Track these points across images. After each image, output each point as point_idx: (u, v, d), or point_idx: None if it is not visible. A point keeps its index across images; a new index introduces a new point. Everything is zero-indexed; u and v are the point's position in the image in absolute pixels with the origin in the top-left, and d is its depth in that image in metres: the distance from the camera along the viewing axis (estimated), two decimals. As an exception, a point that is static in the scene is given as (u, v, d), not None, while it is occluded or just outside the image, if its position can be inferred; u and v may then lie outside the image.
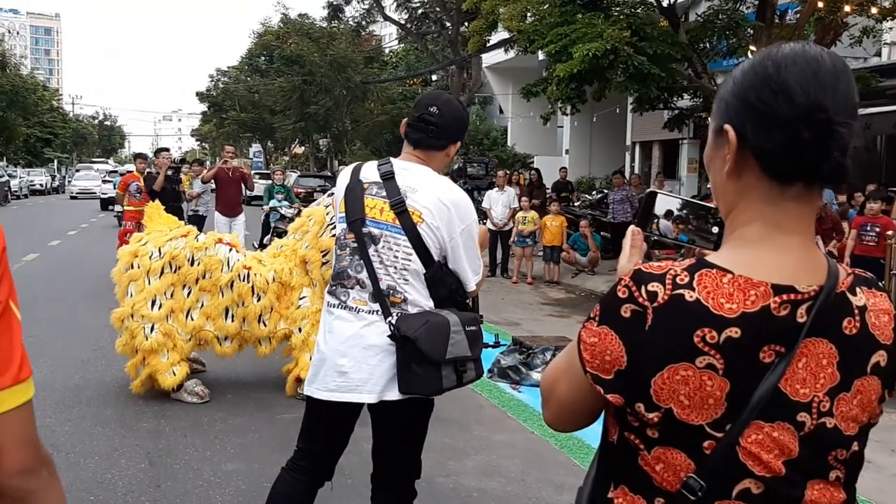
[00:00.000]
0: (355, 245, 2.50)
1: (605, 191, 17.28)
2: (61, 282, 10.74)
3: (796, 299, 1.06)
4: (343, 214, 2.55)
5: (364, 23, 28.38)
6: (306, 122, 34.08)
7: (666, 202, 1.36)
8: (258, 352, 5.43)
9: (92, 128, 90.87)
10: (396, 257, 2.46)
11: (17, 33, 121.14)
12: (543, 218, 12.44)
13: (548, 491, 4.07)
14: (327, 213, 5.01)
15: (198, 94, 48.98)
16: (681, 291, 1.06)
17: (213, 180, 11.52)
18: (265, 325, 5.28)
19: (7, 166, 44.87)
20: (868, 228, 8.77)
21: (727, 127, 1.11)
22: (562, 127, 25.18)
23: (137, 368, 5.25)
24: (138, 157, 12.78)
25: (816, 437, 1.08)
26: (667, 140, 20.23)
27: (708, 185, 16.26)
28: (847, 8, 11.13)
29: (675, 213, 1.37)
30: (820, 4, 11.01)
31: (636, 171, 21.11)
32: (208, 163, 20.47)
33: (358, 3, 26.76)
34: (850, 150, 1.06)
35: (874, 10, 11.65)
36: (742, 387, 1.05)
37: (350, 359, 2.45)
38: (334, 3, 26.62)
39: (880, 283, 1.18)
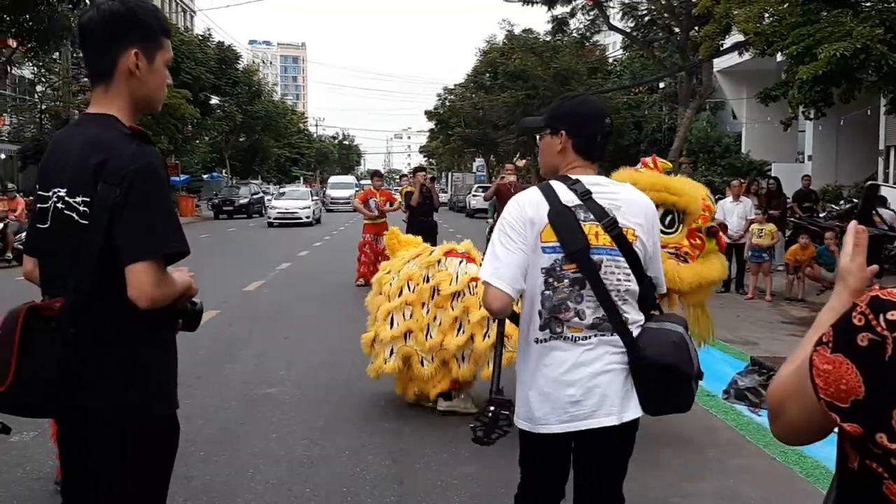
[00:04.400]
0: (577, 275, 2.38)
1: (855, 200, 15.83)
2: (309, 288, 11.79)
3: None
4: (556, 244, 2.38)
5: (588, 34, 28.25)
6: (529, 136, 34.55)
7: (891, 193, 1.28)
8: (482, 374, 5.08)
9: (333, 147, 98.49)
10: (619, 280, 2.39)
11: (270, 63, 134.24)
12: (791, 248, 11.65)
13: (793, 522, 3.85)
14: None
15: (426, 112, 51.39)
16: None
17: (494, 196, 11.89)
18: (488, 337, 4.97)
19: (262, 184, 49.89)
20: None
21: None
22: (803, 131, 23.40)
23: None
24: (374, 174, 13.75)
25: None
26: (928, 143, 18.16)
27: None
28: None
29: None
30: None
31: (891, 177, 19.12)
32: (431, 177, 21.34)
33: (582, 14, 26.68)
34: None
35: None
36: None
37: (579, 387, 2.37)
38: (559, 16, 26.73)
39: None
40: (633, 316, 2.43)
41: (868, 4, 12.02)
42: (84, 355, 1.95)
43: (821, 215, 15.45)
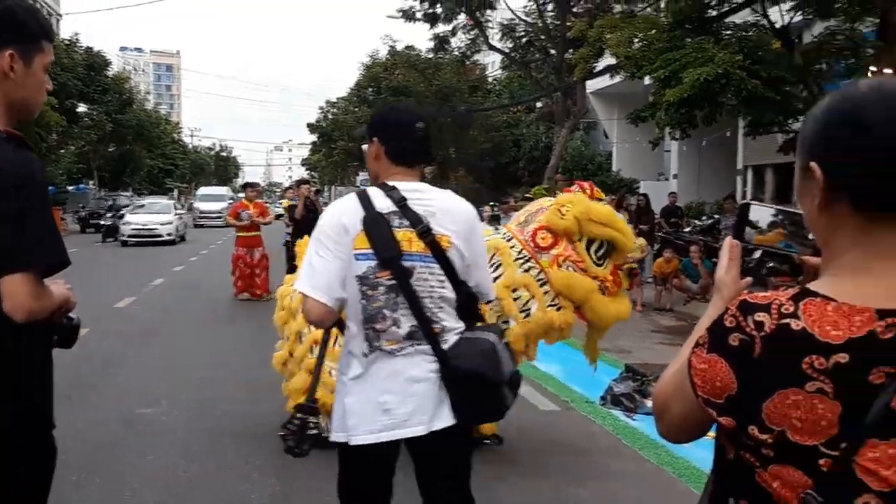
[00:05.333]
0: (391, 283, 2.34)
1: (716, 216, 16.86)
2: (184, 304, 11.41)
3: None
4: (368, 251, 2.34)
5: (469, 52, 28.84)
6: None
7: (760, 212, 1.40)
8: None
9: (209, 158, 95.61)
10: (433, 287, 2.37)
11: (143, 71, 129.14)
12: (657, 261, 12.28)
13: (667, 520, 4.05)
14: (511, 247, 4.58)
15: (309, 125, 50.79)
16: (787, 321, 1.11)
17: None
18: None
19: (132, 195, 47.76)
20: None
21: (813, 165, 1.17)
22: (669, 151, 24.73)
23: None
24: (247, 185, 13.55)
25: None
26: (781, 164, 19.53)
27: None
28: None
29: (772, 221, 1.40)
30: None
31: (748, 196, 20.49)
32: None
33: (463, 33, 27.23)
34: None
35: None
36: (854, 408, 1.09)
37: (393, 394, 2.35)
38: (441, 34, 27.18)
39: None
40: (450, 324, 2.42)
41: (728, 33, 12.89)
42: None
43: (686, 230, 16.36)
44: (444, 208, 2.43)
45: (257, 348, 7.07)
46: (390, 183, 2.43)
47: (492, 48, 26.56)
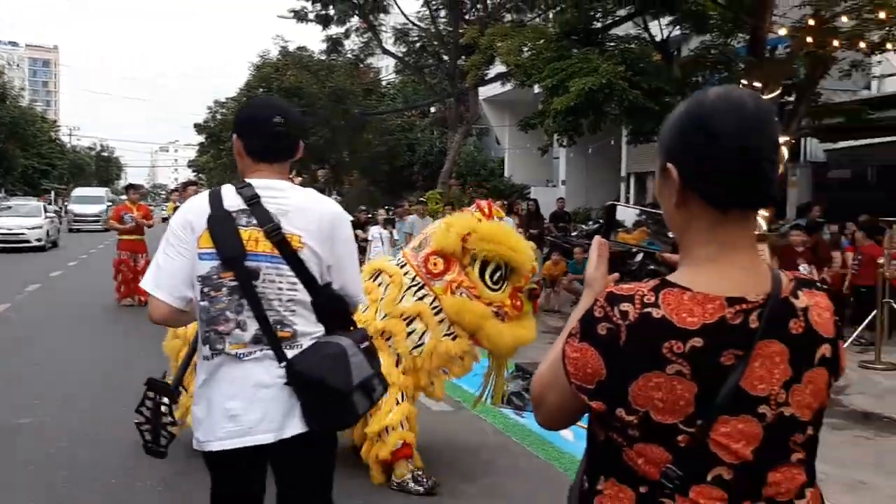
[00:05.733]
0: (234, 284, 2.24)
1: (602, 220, 17.48)
2: (61, 311, 10.88)
3: (748, 308, 1.22)
4: (212, 250, 2.25)
5: (362, 55, 28.77)
6: (305, 153, 34.35)
7: (626, 213, 1.51)
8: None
9: (89, 159, 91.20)
10: (281, 289, 2.25)
11: (17, 65, 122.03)
12: (546, 264, 12.64)
13: (553, 512, 4.20)
14: (405, 274, 4.35)
15: (196, 125, 49.31)
16: (648, 310, 1.22)
17: None
18: None
19: (5, 197, 45.04)
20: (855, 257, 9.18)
21: (670, 166, 1.28)
22: (558, 158, 25.46)
23: None
24: (130, 187, 13.11)
25: (777, 425, 1.24)
26: (662, 171, 20.46)
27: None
28: (835, 43, 11.43)
29: (636, 220, 1.50)
30: (809, 40, 11.31)
31: (632, 200, 21.35)
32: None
33: (357, 36, 27.15)
34: (774, 179, 1.24)
35: (862, 45, 11.95)
36: (708, 388, 1.20)
37: (239, 400, 2.24)
38: (333, 36, 26.99)
39: (817, 284, 1.33)
40: (306, 328, 2.30)
41: (612, 44, 13.42)
42: None
43: (573, 234, 16.93)
44: (300, 207, 2.30)
45: (143, 354, 6.85)
46: (247, 180, 2.33)
47: (385, 52, 26.61)
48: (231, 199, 2.29)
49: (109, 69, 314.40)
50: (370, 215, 17.90)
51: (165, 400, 2.49)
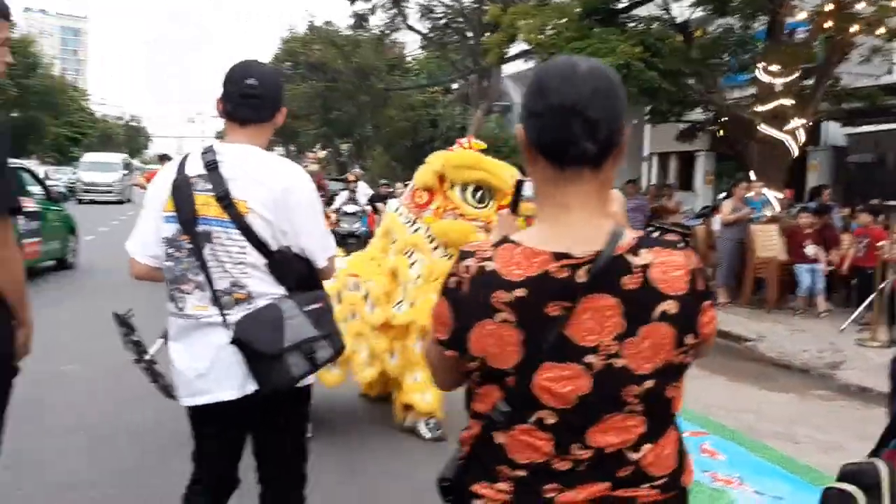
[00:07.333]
0: (191, 246, 2.34)
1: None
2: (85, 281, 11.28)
3: (574, 263, 1.28)
4: (174, 213, 2.36)
5: (388, 31, 28.95)
6: (329, 128, 34.76)
7: (532, 188, 1.60)
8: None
9: (118, 128, 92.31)
10: (230, 253, 2.32)
11: (49, 34, 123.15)
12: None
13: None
14: (399, 215, 4.77)
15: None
16: (484, 263, 1.32)
17: None
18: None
19: (37, 164, 45.71)
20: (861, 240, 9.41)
21: (518, 126, 1.37)
22: (578, 137, 25.49)
23: None
24: (164, 157, 13.57)
25: (606, 375, 1.29)
26: (683, 152, 20.54)
27: (718, 197, 16.57)
28: (854, 27, 11.48)
29: None
30: (827, 24, 11.38)
31: (654, 179, 21.45)
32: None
33: (383, 12, 27.33)
34: (603, 138, 1.29)
35: (882, 30, 11.97)
36: (534, 336, 1.29)
37: (203, 359, 2.37)
38: (360, 12, 27.20)
39: (679, 244, 1.36)
40: (261, 289, 2.35)
41: (632, 25, 13.52)
42: None
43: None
44: (251, 174, 2.33)
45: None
46: (212, 145, 2.43)
47: (410, 28, 26.77)
48: (193, 164, 2.39)
49: (139, 40, 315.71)
50: (391, 189, 18.18)
51: (129, 333, 2.55)
